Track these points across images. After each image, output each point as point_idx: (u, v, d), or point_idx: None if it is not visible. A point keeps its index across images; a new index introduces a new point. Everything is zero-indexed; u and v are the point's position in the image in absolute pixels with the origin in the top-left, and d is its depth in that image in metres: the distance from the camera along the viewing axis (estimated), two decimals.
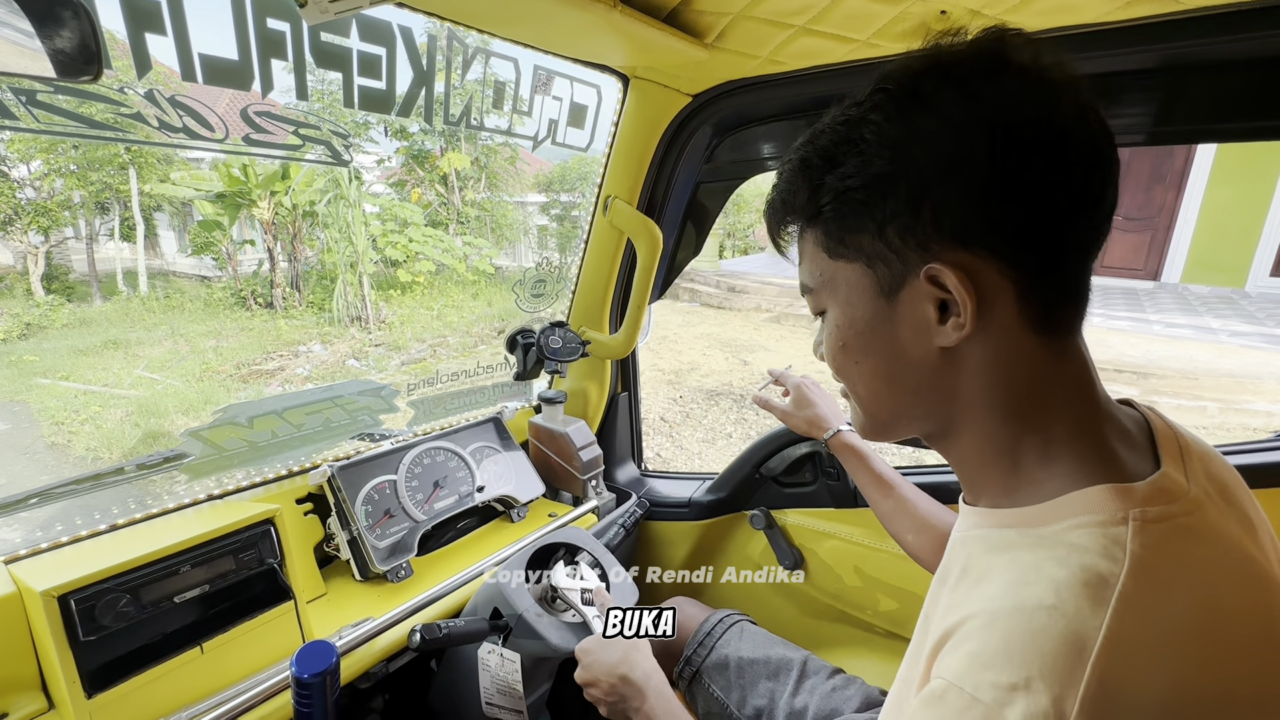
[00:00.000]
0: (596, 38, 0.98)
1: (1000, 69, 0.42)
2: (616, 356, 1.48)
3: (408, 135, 10.45)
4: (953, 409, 0.48)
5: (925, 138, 0.42)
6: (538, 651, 0.94)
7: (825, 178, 0.46)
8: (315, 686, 0.70)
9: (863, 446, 1.03)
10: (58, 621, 0.73)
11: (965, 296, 0.42)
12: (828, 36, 0.93)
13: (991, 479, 0.48)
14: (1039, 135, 0.41)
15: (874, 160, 0.43)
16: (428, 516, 1.17)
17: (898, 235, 0.44)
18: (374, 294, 8.69)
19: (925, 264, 0.43)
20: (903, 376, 0.49)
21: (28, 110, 0.67)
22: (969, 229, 0.42)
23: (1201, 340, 5.57)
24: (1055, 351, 0.45)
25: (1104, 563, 0.38)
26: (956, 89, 0.42)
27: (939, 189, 0.42)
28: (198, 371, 6.88)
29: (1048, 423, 0.45)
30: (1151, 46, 0.85)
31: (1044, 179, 0.41)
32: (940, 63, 0.43)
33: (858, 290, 0.48)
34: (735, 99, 1.17)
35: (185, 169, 9.12)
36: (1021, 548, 0.43)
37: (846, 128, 0.45)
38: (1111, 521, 0.40)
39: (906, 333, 0.46)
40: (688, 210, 1.39)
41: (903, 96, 0.43)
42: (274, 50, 0.81)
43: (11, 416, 5.81)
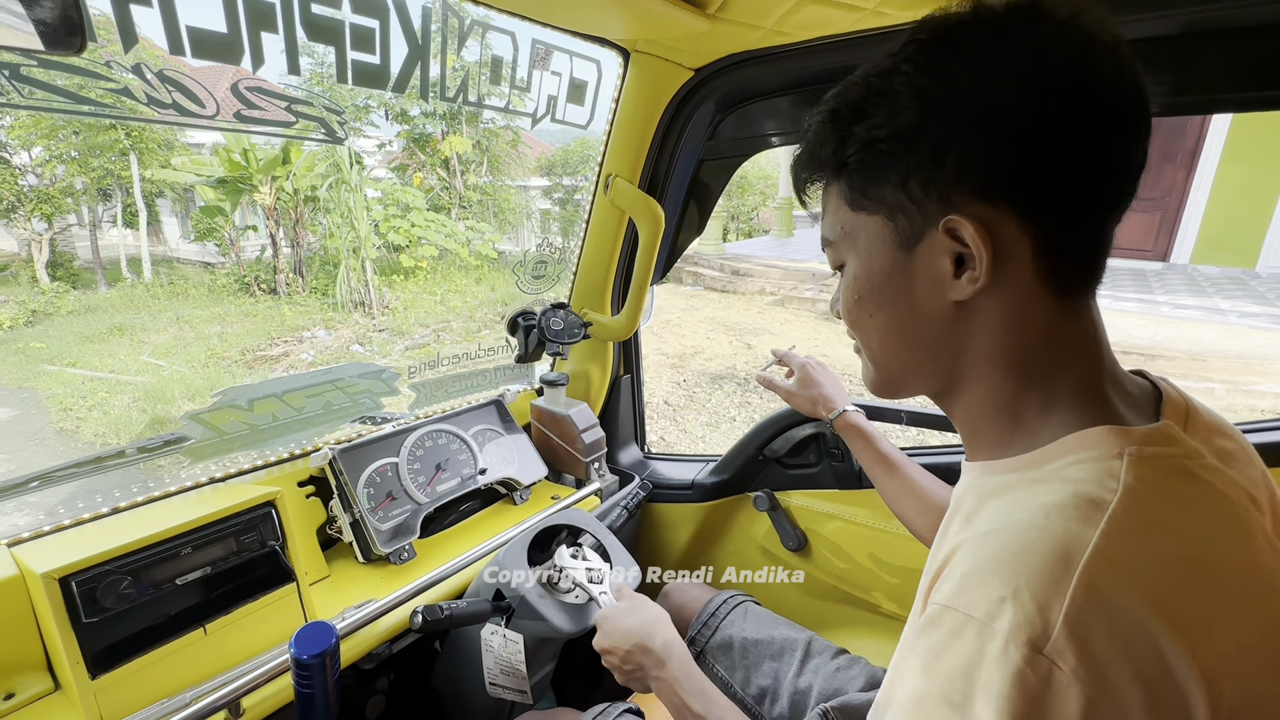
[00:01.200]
0: (595, 8, 0.95)
1: (1038, 22, 0.41)
2: (618, 338, 1.46)
3: (409, 119, 10.36)
4: (961, 364, 0.48)
5: (955, 87, 0.42)
6: (540, 632, 0.94)
7: (853, 128, 0.46)
8: (315, 667, 0.70)
9: (868, 427, 1.01)
10: (59, 603, 0.73)
11: (982, 249, 0.42)
12: (834, 5, 0.90)
13: (991, 433, 0.49)
14: (1072, 89, 0.40)
15: (902, 111, 0.43)
16: (430, 499, 1.17)
17: (920, 187, 0.44)
18: (377, 279, 8.68)
19: (944, 216, 0.43)
20: (915, 330, 0.49)
21: (12, 85, 0.65)
22: (991, 182, 0.42)
23: (1210, 321, 5.52)
24: (1068, 311, 0.45)
25: (1096, 489, 0.39)
26: (993, 39, 0.41)
27: (964, 140, 0.42)
28: (203, 357, 6.91)
29: (1051, 379, 0.46)
30: (1167, 12, 0.82)
31: (1073, 135, 0.40)
32: (978, 14, 0.42)
33: (877, 242, 0.48)
34: (738, 73, 1.14)
35: (186, 154, 9.08)
36: (1020, 485, 0.44)
37: (878, 79, 0.45)
38: (1108, 456, 0.41)
39: (922, 285, 0.47)
40: (690, 189, 1.37)
41: (936, 45, 0.43)
42: (264, 23, 0.79)
43: (20, 403, 5.87)
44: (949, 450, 1.23)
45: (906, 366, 0.52)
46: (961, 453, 1.23)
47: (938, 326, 0.48)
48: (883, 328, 0.51)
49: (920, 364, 0.51)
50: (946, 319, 0.47)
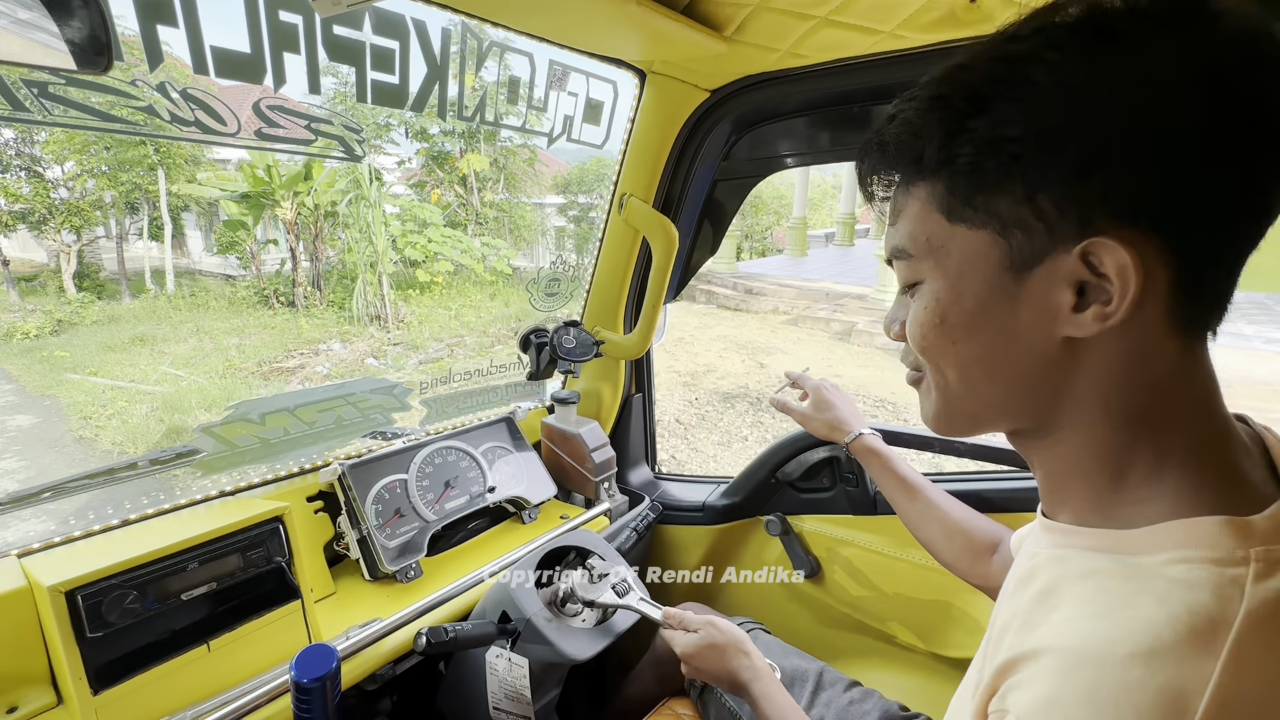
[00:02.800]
0: (613, 30, 0.96)
1: (1213, 18, 0.33)
2: (631, 357, 1.46)
3: (428, 137, 10.57)
4: (1059, 406, 0.42)
5: (1116, 86, 0.34)
6: (546, 657, 0.92)
7: (969, 122, 0.38)
8: (315, 691, 0.69)
9: (886, 450, 0.99)
10: (64, 617, 0.73)
11: (1130, 283, 0.35)
12: (851, 28, 0.90)
13: (1084, 490, 0.43)
14: (1256, 104, 0.33)
15: (1044, 107, 0.36)
16: (438, 516, 1.16)
17: (1053, 202, 0.37)
18: (393, 294, 8.79)
19: (1083, 239, 0.36)
20: (1009, 364, 0.42)
21: (40, 102, 0.66)
22: (1145, 204, 0.35)
23: (1234, 347, 5.41)
24: (1190, 355, 0.39)
25: (1217, 605, 0.32)
26: (1161, 30, 0.34)
27: (1123, 153, 0.35)
28: (220, 368, 7.01)
29: (1167, 433, 0.39)
30: None
31: (1250, 158, 0.34)
32: (1135, 3, 0.35)
33: (977, 262, 0.41)
34: (755, 94, 1.15)
35: (212, 169, 9.32)
36: (1112, 576, 0.37)
37: (1006, 65, 0.37)
38: (1229, 560, 0.34)
39: (1028, 315, 0.40)
40: (704, 208, 1.37)
41: (1086, 31, 0.35)
42: (287, 44, 0.80)
43: (42, 410, 5.98)
44: (970, 476, 1.20)
45: (989, 403, 0.45)
46: (989, 478, 1.20)
47: (1037, 362, 0.41)
48: (969, 359, 0.43)
49: (1007, 402, 0.44)
50: (1051, 355, 0.40)
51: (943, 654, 1.19)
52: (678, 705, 1.09)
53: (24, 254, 10.53)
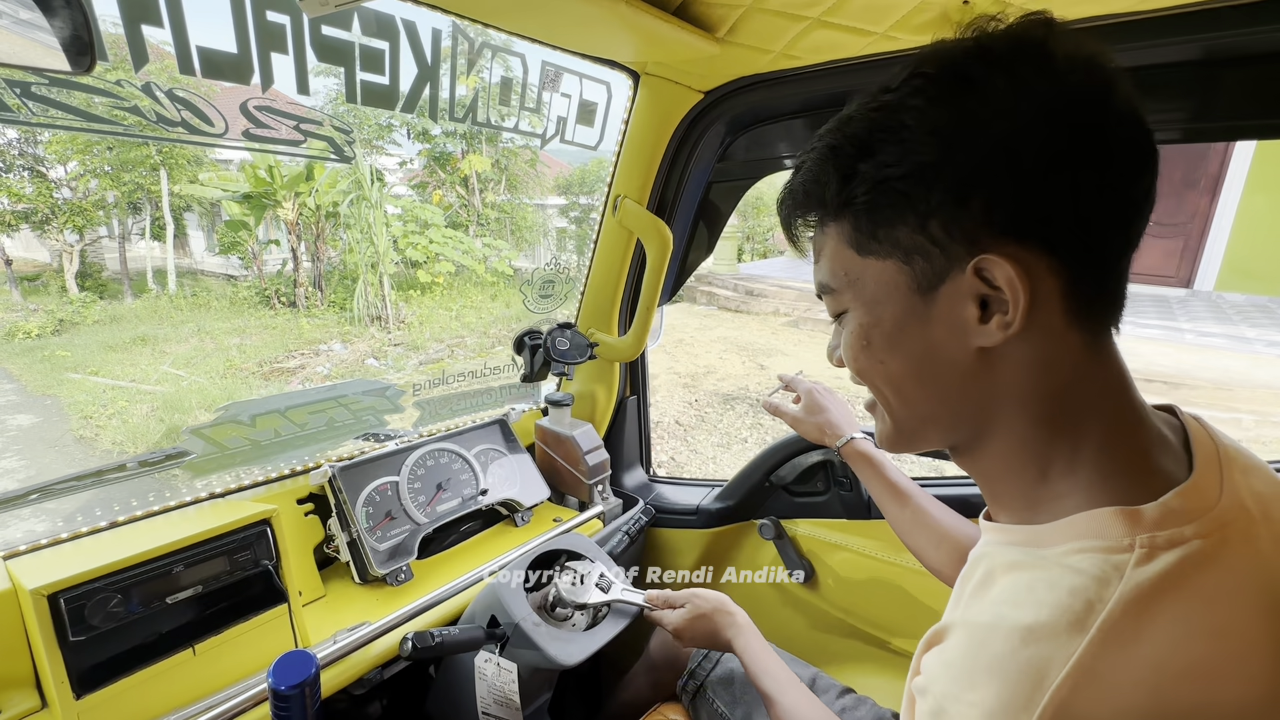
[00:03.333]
0: (605, 31, 0.95)
1: (1048, 57, 0.39)
2: (625, 359, 1.45)
3: (430, 138, 10.57)
4: (985, 413, 0.45)
5: (976, 124, 0.39)
6: (535, 662, 0.92)
7: (859, 166, 0.43)
8: (293, 699, 0.68)
9: (877, 455, 0.98)
10: (47, 620, 0.72)
11: (1019, 292, 0.40)
12: (843, 29, 0.90)
13: (1015, 490, 0.46)
14: (1095, 123, 0.39)
15: (917, 148, 0.41)
16: (429, 519, 1.15)
17: (942, 228, 0.41)
18: (394, 294, 8.79)
19: (973, 257, 0.40)
20: (934, 378, 0.46)
21: (22, 101, 0.66)
22: (1022, 221, 0.40)
23: (1236, 350, 5.38)
24: (1094, 351, 0.43)
25: (1095, 588, 0.36)
26: (1006, 75, 0.39)
27: (991, 178, 0.39)
28: (221, 369, 6.99)
29: (1079, 427, 0.43)
30: (1189, 37, 0.80)
31: (1103, 168, 0.39)
32: (984, 48, 0.40)
33: (888, 288, 0.45)
34: (748, 96, 1.14)
35: (214, 169, 9.34)
36: (1024, 567, 0.42)
37: (883, 114, 0.42)
38: (1116, 548, 0.38)
39: (941, 332, 0.44)
40: (699, 210, 1.36)
41: (947, 80, 0.40)
42: (274, 44, 0.80)
43: (43, 410, 5.95)
44: (964, 481, 1.19)
45: (926, 417, 0.48)
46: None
47: (958, 373, 0.44)
48: (898, 376, 0.47)
49: (942, 413, 0.47)
50: (968, 366, 0.44)
51: None
52: (669, 710, 1.08)
53: (27, 254, 10.56)
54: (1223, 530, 0.38)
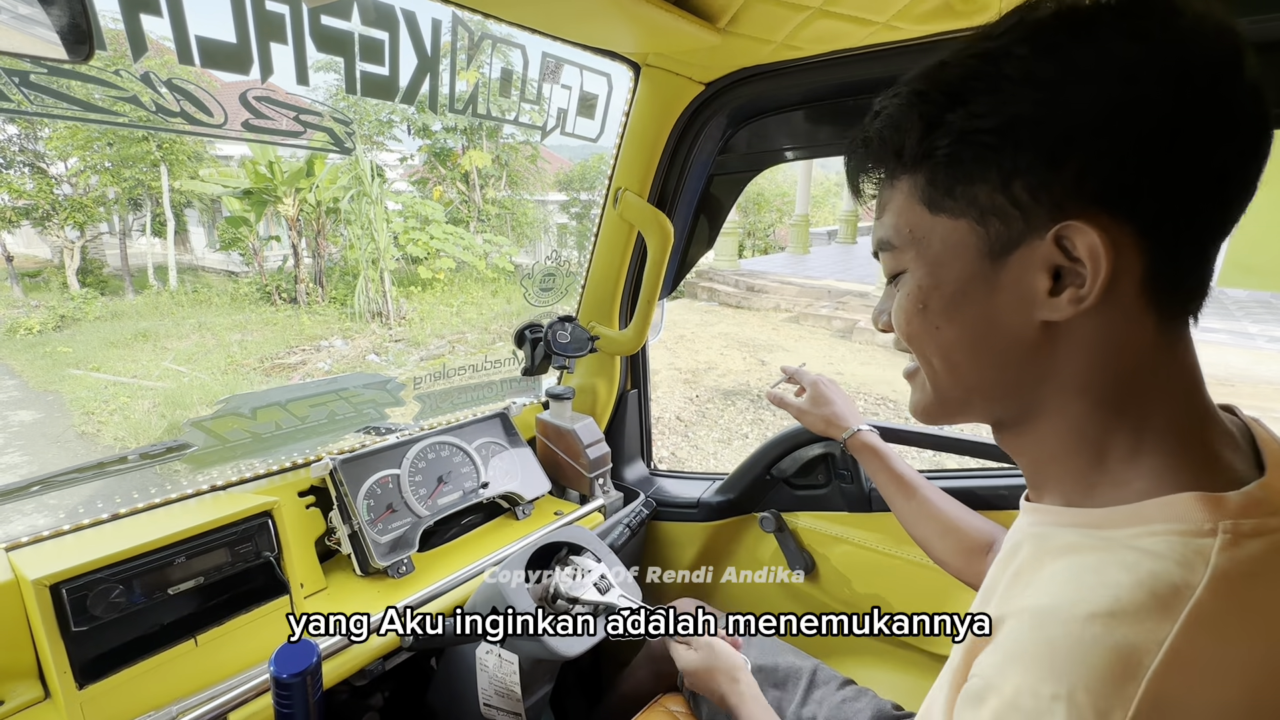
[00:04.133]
0: (604, 21, 0.95)
1: (1177, 13, 0.35)
2: (626, 352, 1.45)
3: (430, 133, 10.55)
4: (1040, 391, 0.43)
5: (1085, 78, 0.36)
6: (536, 654, 0.92)
7: (946, 115, 0.39)
8: (295, 686, 0.68)
9: (883, 447, 0.98)
10: (49, 611, 0.72)
11: (1101, 264, 0.37)
12: (846, 19, 0.89)
13: (1066, 472, 0.44)
14: (1222, 95, 0.35)
15: (1015, 99, 0.37)
16: (430, 512, 1.15)
17: (1027, 190, 0.38)
18: (395, 290, 8.78)
19: (1055, 224, 0.37)
20: (990, 349, 0.43)
21: (21, 92, 0.66)
22: (1118, 191, 0.37)
23: (1238, 345, 5.38)
24: (1169, 339, 0.40)
25: (1180, 571, 0.34)
26: (1129, 27, 0.35)
27: (1093, 141, 0.36)
28: (222, 365, 6.97)
29: (1145, 415, 0.40)
30: None
31: (1216, 143, 0.36)
32: (1102, 2, 0.36)
33: (956, 249, 0.42)
34: (750, 87, 1.13)
35: (215, 165, 9.32)
36: (1087, 550, 0.38)
37: (981, 61, 0.39)
38: (1197, 533, 0.35)
39: (1006, 300, 0.41)
40: (700, 203, 1.35)
41: (1056, 28, 0.37)
42: (274, 33, 0.79)
43: (45, 406, 5.96)
44: (968, 474, 1.19)
45: (973, 389, 0.46)
46: (985, 477, 1.19)
47: (1017, 346, 0.42)
48: (951, 344, 0.44)
49: (991, 387, 0.45)
50: (1030, 339, 0.41)
51: (937, 653, 1.18)
52: (670, 702, 1.08)
53: (28, 250, 10.54)
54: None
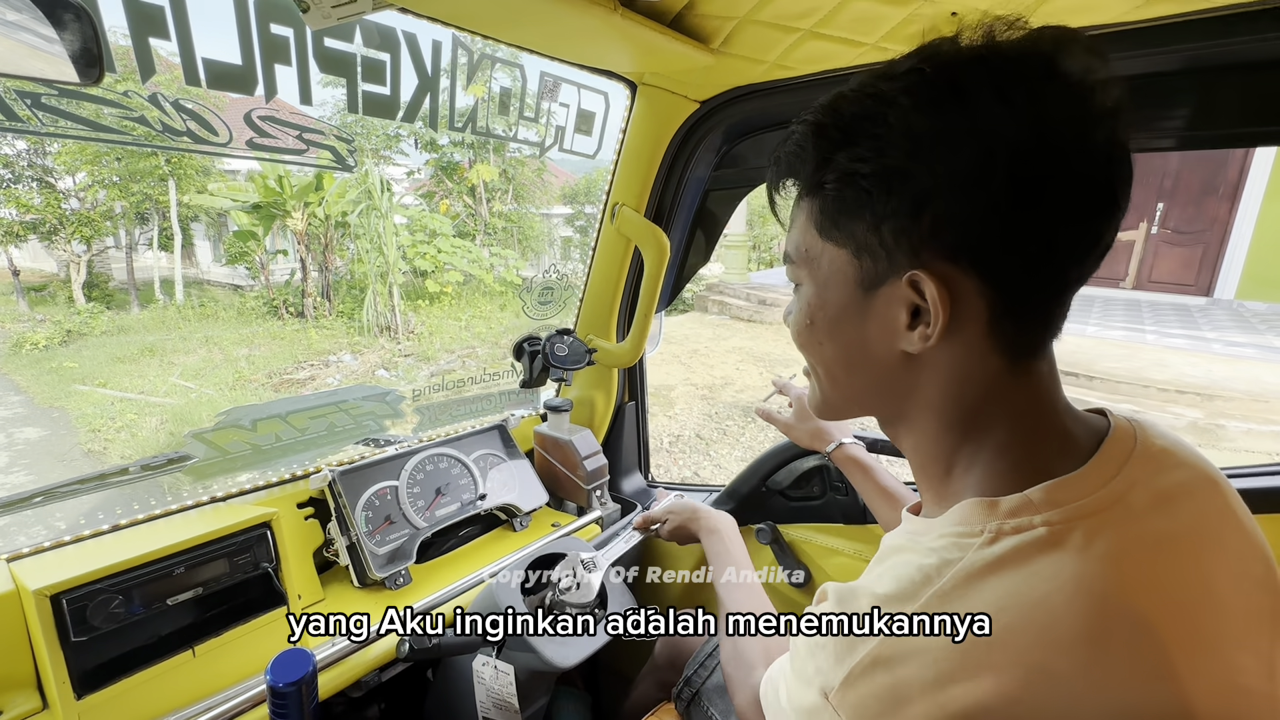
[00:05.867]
0: (601, 42, 0.97)
1: (1048, 79, 0.39)
2: (623, 365, 1.46)
3: (437, 147, 10.65)
4: (904, 407, 0.49)
5: (950, 139, 0.39)
6: (532, 664, 0.92)
7: (836, 154, 0.43)
8: (290, 695, 0.69)
9: (868, 459, 0.99)
10: (49, 621, 0.73)
11: (940, 310, 0.41)
12: (835, 40, 0.91)
13: (928, 483, 0.50)
14: (1064, 169, 0.39)
15: (892, 149, 0.41)
16: (428, 524, 1.16)
17: (892, 234, 0.42)
18: (403, 304, 8.79)
19: (911, 269, 0.42)
20: (862, 367, 0.49)
21: (32, 112, 0.68)
22: (963, 245, 0.41)
23: (1267, 360, 5.26)
24: (1014, 372, 0.44)
25: (936, 566, 0.41)
26: (996, 96, 0.39)
27: (947, 199, 0.40)
28: (231, 380, 6.91)
29: (985, 435, 0.46)
30: (1173, 48, 0.81)
31: (1056, 213, 0.39)
32: (984, 61, 0.40)
33: (838, 275, 0.47)
34: (744, 105, 1.15)
35: (223, 180, 9.40)
36: (901, 550, 0.45)
37: (873, 102, 0.42)
38: (970, 534, 0.41)
39: (874, 328, 0.46)
40: (697, 217, 1.37)
41: (938, 86, 0.40)
42: (278, 55, 0.82)
43: (50, 422, 5.90)
44: None
45: (851, 398, 0.52)
46: None
47: (884, 369, 0.47)
48: (831, 358, 0.51)
49: (866, 397, 0.51)
50: (894, 364, 0.47)
51: None
52: (665, 715, 1.08)
53: (34, 264, 10.59)
54: (1082, 520, 0.39)
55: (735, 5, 0.86)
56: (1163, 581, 0.39)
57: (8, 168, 8.14)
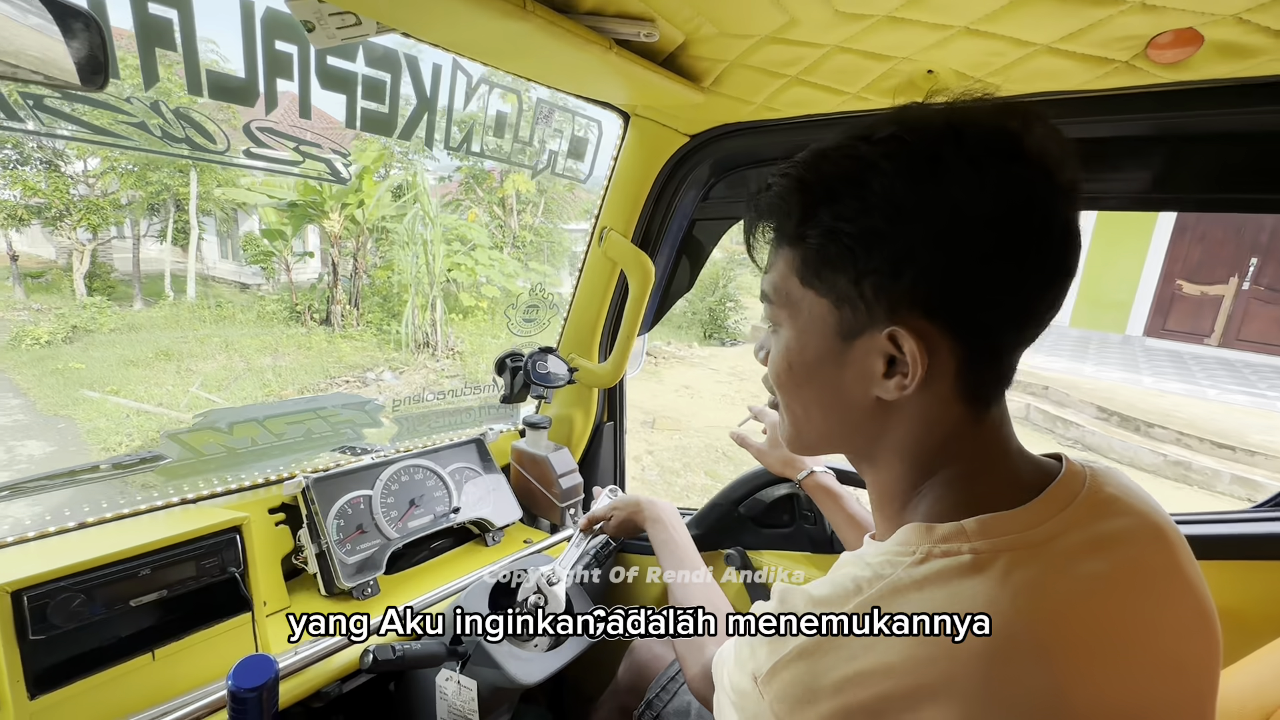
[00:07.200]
0: (596, 76, 1.01)
1: (1014, 159, 0.42)
2: (604, 385, 1.48)
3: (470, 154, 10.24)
4: (874, 448, 0.52)
5: (928, 205, 0.42)
6: (496, 681, 0.92)
7: (820, 211, 0.46)
8: (250, 701, 0.69)
9: (837, 488, 1.02)
10: (8, 618, 0.72)
11: (918, 364, 0.44)
12: (819, 88, 0.96)
13: (884, 514, 0.54)
14: (1029, 238, 0.43)
15: (873, 211, 0.44)
16: (400, 535, 1.16)
17: (872, 289, 0.45)
18: (443, 318, 8.11)
19: (890, 324, 0.45)
20: (837, 410, 0.52)
21: (33, 113, 0.69)
22: (939, 304, 0.44)
23: None
24: (974, 418, 0.48)
25: (869, 577, 0.45)
26: (971, 168, 0.42)
27: (925, 261, 0.43)
28: (257, 393, 6.30)
29: (938, 472, 0.49)
30: (1132, 116, 0.87)
31: (1022, 277, 0.43)
32: (960, 131, 0.43)
33: (818, 323, 0.49)
34: (732, 141, 1.20)
35: (243, 175, 8.79)
36: (846, 564, 0.49)
37: (855, 165, 0.45)
38: (904, 553, 0.45)
39: (851, 375, 0.49)
40: (682, 245, 1.41)
41: (918, 156, 0.43)
42: (280, 70, 0.84)
43: (56, 435, 5.13)
44: None
45: (823, 436, 0.55)
46: None
47: (859, 412, 0.50)
48: (808, 400, 0.53)
49: (837, 438, 0.54)
50: (867, 408, 0.49)
51: None
52: None
53: (31, 249, 9.92)
54: (1007, 552, 0.43)
55: (726, 49, 0.90)
56: (1077, 618, 0.41)
57: (16, 149, 7.59)
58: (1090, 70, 0.81)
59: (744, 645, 0.50)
